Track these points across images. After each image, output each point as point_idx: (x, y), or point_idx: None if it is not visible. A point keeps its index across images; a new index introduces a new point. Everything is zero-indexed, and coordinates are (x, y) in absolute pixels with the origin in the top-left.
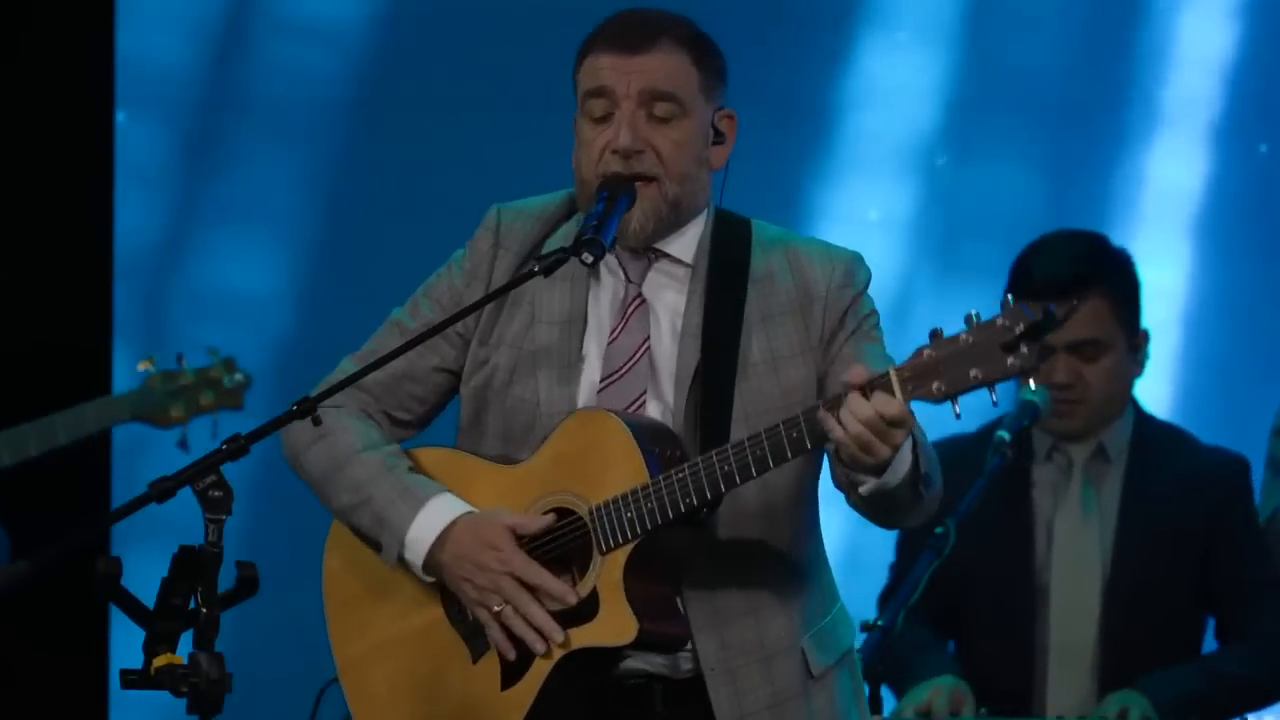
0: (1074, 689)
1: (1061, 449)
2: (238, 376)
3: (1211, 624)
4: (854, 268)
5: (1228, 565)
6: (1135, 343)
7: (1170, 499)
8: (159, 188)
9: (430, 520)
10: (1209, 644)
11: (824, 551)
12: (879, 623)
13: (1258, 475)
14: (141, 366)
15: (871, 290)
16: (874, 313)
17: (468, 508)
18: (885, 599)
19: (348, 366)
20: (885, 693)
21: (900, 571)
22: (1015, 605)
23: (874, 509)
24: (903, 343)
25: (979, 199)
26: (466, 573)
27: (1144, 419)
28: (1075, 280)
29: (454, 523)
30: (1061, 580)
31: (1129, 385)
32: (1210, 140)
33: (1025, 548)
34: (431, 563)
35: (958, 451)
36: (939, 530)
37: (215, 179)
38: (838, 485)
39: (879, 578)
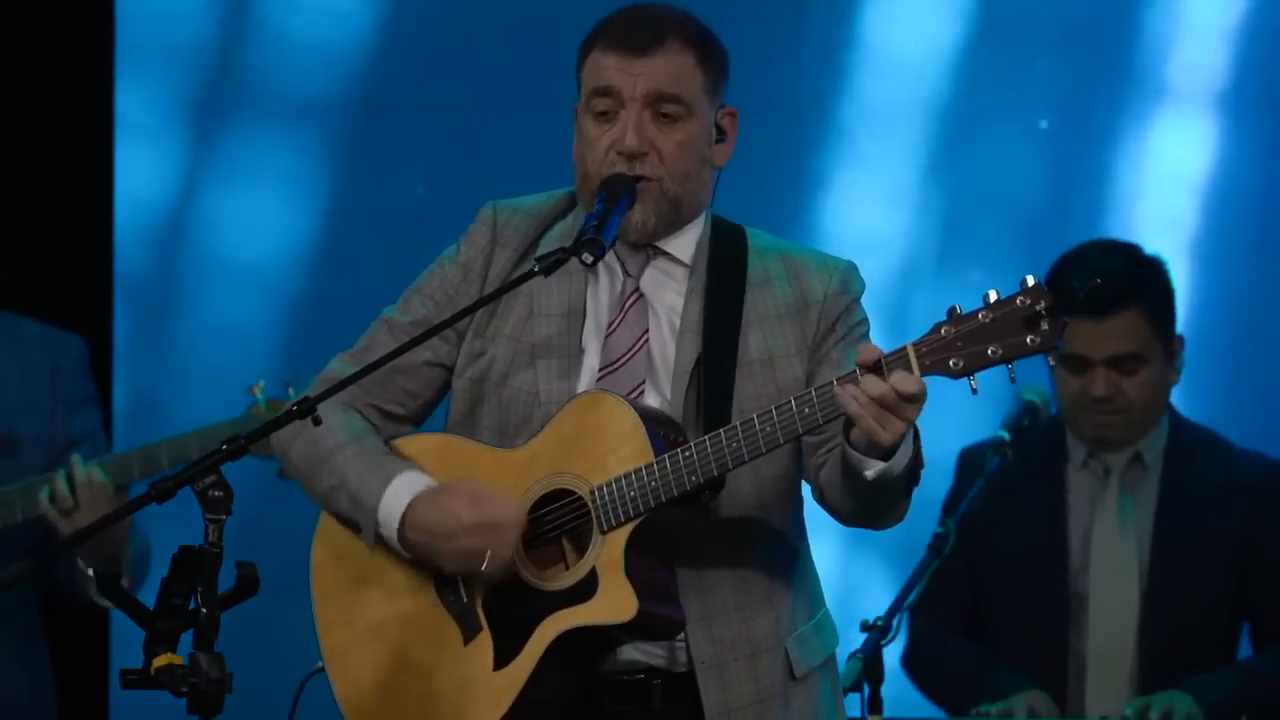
0: (1111, 696)
1: (1098, 456)
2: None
3: (1246, 629)
4: (849, 276)
5: (1265, 570)
6: (1171, 350)
7: (1207, 505)
8: (161, 156)
9: (397, 495)
10: (1245, 649)
11: (811, 556)
12: (878, 623)
13: None
14: (252, 390)
15: (874, 272)
16: (865, 321)
17: (431, 482)
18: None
19: (338, 365)
20: (885, 693)
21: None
22: (1053, 612)
23: (864, 499)
24: (907, 316)
25: (981, 175)
26: (436, 544)
27: (1179, 424)
28: (1115, 293)
29: (418, 496)
30: (1100, 588)
31: (1166, 394)
32: (1215, 121)
33: (1061, 554)
34: (404, 539)
35: (967, 453)
36: (939, 530)
37: (219, 150)
38: (809, 478)
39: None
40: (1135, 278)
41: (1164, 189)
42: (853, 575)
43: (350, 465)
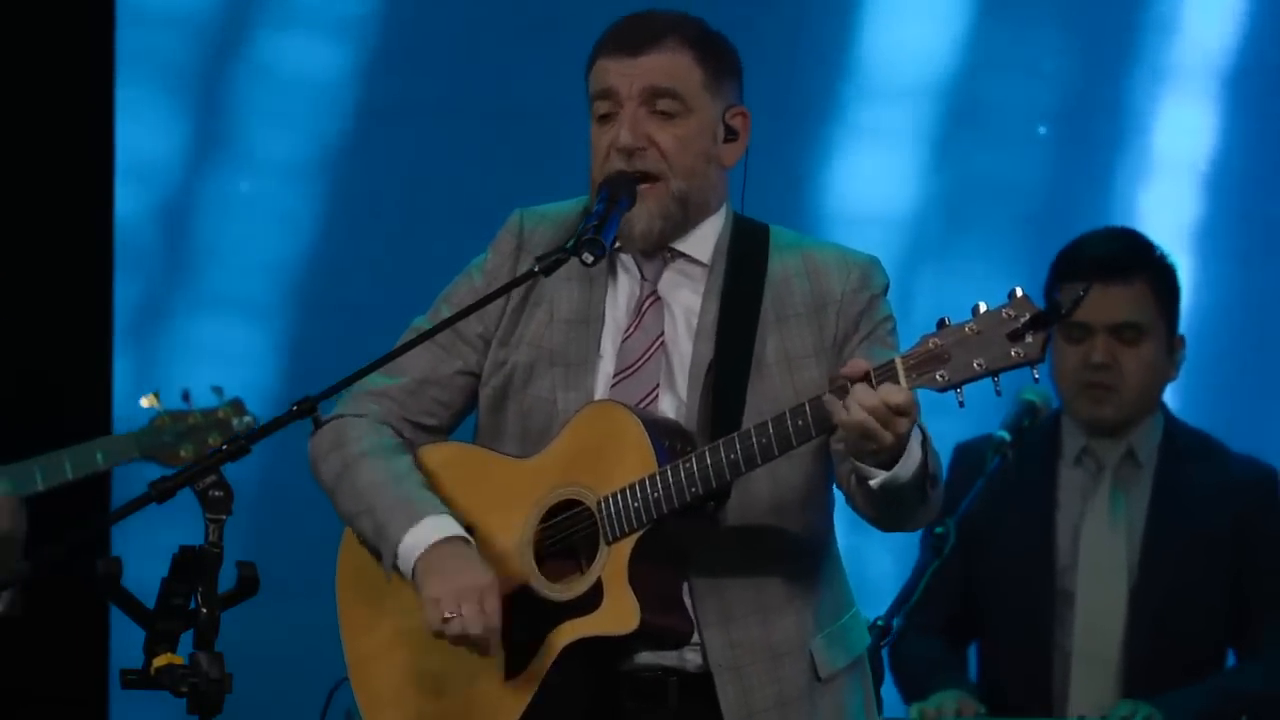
0: (1098, 695)
1: (1091, 452)
2: (246, 419)
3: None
4: (870, 272)
5: (1253, 575)
6: (1172, 344)
7: (1200, 506)
8: (162, 138)
9: (422, 536)
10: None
11: (838, 556)
12: (878, 621)
13: None
14: (145, 403)
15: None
16: (890, 317)
17: (460, 531)
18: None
19: (372, 378)
20: (885, 693)
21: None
22: (1039, 608)
23: (881, 506)
24: (910, 301)
25: (985, 159)
26: (437, 568)
27: (1173, 424)
28: (1123, 262)
29: (443, 541)
30: (1087, 585)
31: (1162, 383)
32: (1220, 103)
33: (1050, 551)
34: (415, 573)
35: (965, 453)
36: (939, 530)
37: (221, 134)
38: (840, 485)
39: (882, 579)
40: (1147, 253)
41: (1168, 173)
42: (856, 569)
43: (379, 494)
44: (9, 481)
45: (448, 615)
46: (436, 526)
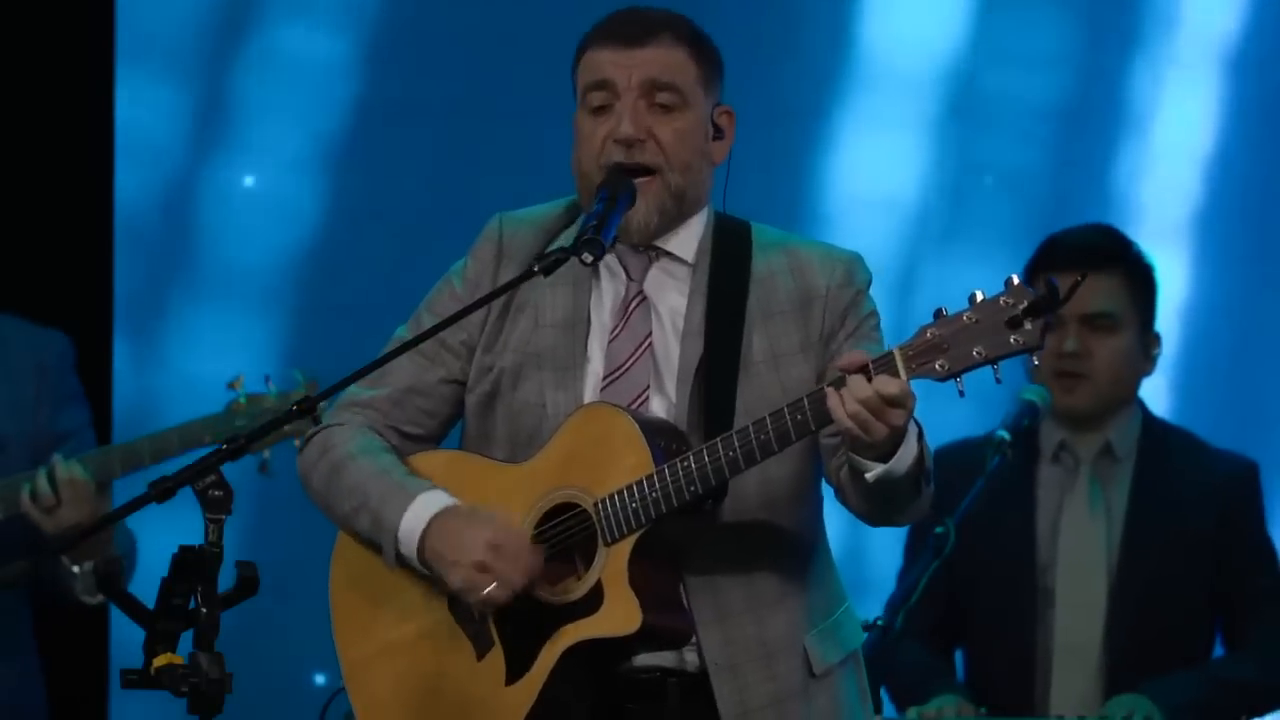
0: (1080, 691)
1: (1069, 448)
2: (323, 403)
3: (1220, 628)
4: (854, 268)
5: (1238, 571)
6: (1147, 340)
7: (1182, 501)
8: (164, 126)
9: (419, 512)
10: (1219, 648)
11: (829, 552)
12: (878, 622)
13: (1267, 480)
14: (231, 386)
15: (879, 240)
16: (874, 313)
17: (455, 501)
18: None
19: (355, 389)
20: (884, 694)
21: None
22: (1020, 606)
23: (875, 500)
24: (909, 295)
25: (984, 154)
26: (447, 563)
27: (1152, 420)
28: (1102, 252)
29: (440, 513)
30: (1067, 581)
31: (1137, 376)
32: (1221, 95)
33: (1030, 548)
34: (422, 557)
35: (960, 453)
36: (939, 530)
37: (222, 123)
38: (830, 480)
39: (879, 578)
40: (1124, 247)
41: (1169, 162)
42: (855, 568)
43: (371, 487)
44: (89, 469)
45: (484, 594)
46: (428, 502)
